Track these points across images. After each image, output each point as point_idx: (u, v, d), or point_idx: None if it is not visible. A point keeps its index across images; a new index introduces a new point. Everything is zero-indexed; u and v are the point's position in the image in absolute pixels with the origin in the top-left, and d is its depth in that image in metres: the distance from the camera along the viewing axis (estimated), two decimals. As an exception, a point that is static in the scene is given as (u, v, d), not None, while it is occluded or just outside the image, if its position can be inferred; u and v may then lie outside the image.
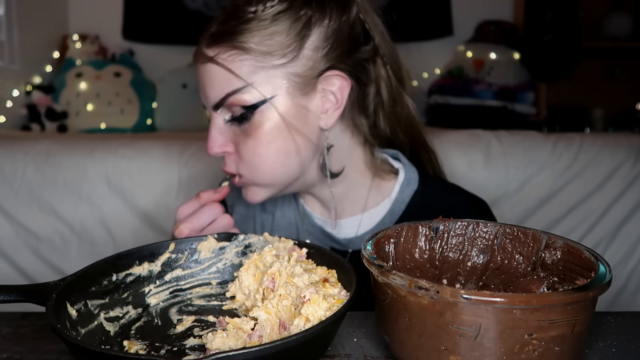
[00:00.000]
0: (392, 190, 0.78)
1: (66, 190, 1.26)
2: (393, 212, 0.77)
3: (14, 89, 2.40)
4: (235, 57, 0.66)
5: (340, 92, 0.69)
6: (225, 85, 0.67)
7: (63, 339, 0.41)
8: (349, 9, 0.71)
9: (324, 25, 0.68)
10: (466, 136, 1.33)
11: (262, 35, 0.66)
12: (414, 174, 0.79)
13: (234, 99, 0.67)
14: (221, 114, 0.70)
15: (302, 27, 0.67)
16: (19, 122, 2.37)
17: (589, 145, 1.29)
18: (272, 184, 0.71)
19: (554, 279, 0.49)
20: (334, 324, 0.45)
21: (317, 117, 0.70)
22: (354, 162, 0.77)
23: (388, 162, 0.81)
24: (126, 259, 0.57)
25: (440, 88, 2.53)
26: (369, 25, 0.73)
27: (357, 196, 0.78)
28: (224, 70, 0.67)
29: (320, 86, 0.69)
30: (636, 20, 2.84)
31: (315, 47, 0.68)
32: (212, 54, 0.68)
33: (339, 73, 0.69)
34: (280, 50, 0.66)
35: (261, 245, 0.61)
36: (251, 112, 0.67)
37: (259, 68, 0.66)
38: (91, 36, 2.68)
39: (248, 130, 0.68)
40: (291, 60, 0.67)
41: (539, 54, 2.48)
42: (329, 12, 0.69)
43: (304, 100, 0.68)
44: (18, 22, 2.37)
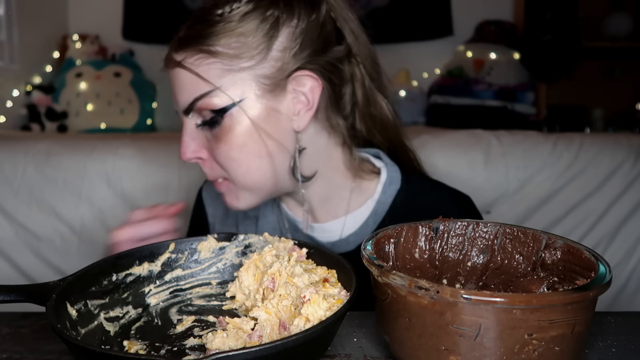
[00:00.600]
0: (374, 191, 0.77)
1: (66, 190, 1.26)
2: (376, 212, 0.76)
3: (14, 89, 2.40)
4: (202, 60, 0.66)
5: (312, 93, 0.68)
6: (193, 89, 0.66)
7: (63, 339, 0.41)
8: (318, 8, 0.69)
9: (292, 25, 0.67)
10: (466, 136, 1.33)
11: (229, 37, 0.65)
12: (396, 172, 0.78)
13: (203, 103, 0.66)
14: (192, 119, 0.69)
15: (269, 27, 0.66)
16: (19, 122, 2.38)
17: (589, 145, 1.29)
18: (253, 188, 0.70)
19: (554, 279, 0.49)
20: (334, 324, 0.45)
21: (290, 120, 0.68)
22: (334, 163, 0.75)
23: (369, 162, 0.80)
24: (126, 259, 0.57)
25: (440, 88, 2.53)
26: (340, 24, 0.72)
27: (339, 198, 0.77)
28: (192, 74, 0.66)
29: (290, 87, 0.68)
30: (636, 20, 2.84)
31: (284, 47, 0.66)
32: (179, 58, 0.67)
33: (309, 73, 0.68)
34: (248, 52, 0.65)
35: (261, 245, 0.61)
36: (221, 116, 0.66)
37: (226, 71, 0.65)
38: (91, 36, 2.68)
39: (219, 134, 0.67)
40: (259, 62, 0.66)
41: (539, 54, 2.48)
42: (297, 11, 0.67)
43: (275, 102, 0.67)
44: (18, 22, 2.37)
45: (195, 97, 0.66)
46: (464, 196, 0.80)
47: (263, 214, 0.84)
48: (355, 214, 0.77)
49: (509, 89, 2.48)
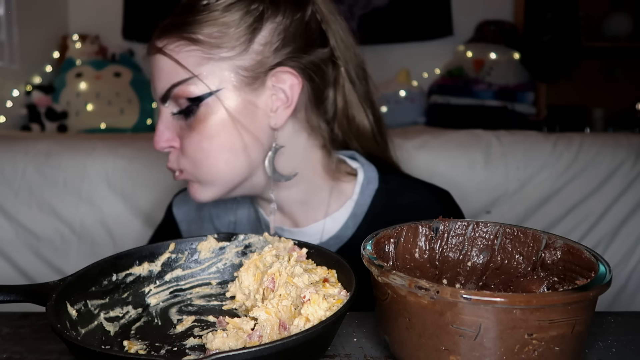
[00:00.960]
0: (352, 192, 0.77)
1: (66, 190, 1.26)
2: (356, 214, 0.75)
3: (14, 89, 2.40)
4: (183, 47, 0.65)
5: (291, 90, 0.68)
6: (171, 76, 0.66)
7: (63, 339, 0.41)
8: (304, 7, 0.70)
9: (276, 22, 0.67)
10: (466, 136, 1.33)
11: (211, 26, 0.65)
12: (373, 172, 0.77)
13: (180, 90, 0.65)
14: (169, 108, 0.68)
15: (253, 20, 0.66)
16: (19, 122, 2.37)
17: (589, 145, 1.29)
18: (215, 181, 0.69)
19: (554, 279, 0.49)
20: (334, 324, 0.45)
21: (267, 116, 0.68)
22: (312, 165, 0.75)
23: (345, 163, 0.79)
24: (126, 259, 0.57)
25: (440, 88, 2.53)
26: (325, 27, 0.72)
27: (318, 200, 0.76)
28: (171, 61, 0.66)
29: (269, 83, 0.67)
30: (636, 20, 2.84)
31: (266, 41, 0.66)
32: (160, 44, 0.67)
33: (290, 70, 0.67)
34: (230, 42, 0.65)
35: (261, 245, 0.61)
36: (197, 105, 0.65)
37: (206, 60, 0.65)
38: (91, 36, 2.68)
39: (193, 124, 0.66)
40: (240, 53, 0.65)
41: (539, 54, 2.48)
42: (282, 8, 0.68)
43: (253, 96, 0.67)
44: (18, 22, 2.37)
45: (173, 84, 0.66)
46: (443, 192, 0.79)
47: (240, 220, 0.82)
48: (335, 216, 0.76)
49: (509, 89, 2.48)
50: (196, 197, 0.71)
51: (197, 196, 0.71)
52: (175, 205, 0.88)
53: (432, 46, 2.76)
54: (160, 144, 0.69)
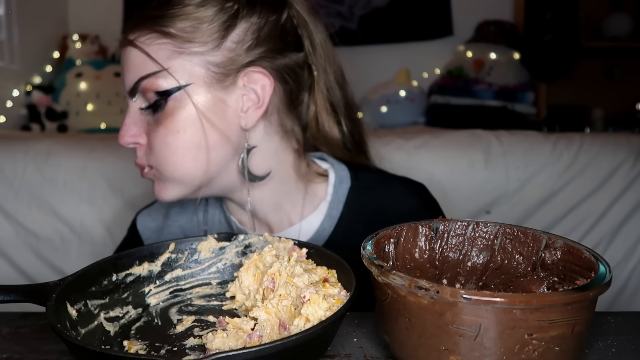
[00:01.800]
0: (326, 193, 0.76)
1: (66, 190, 1.26)
2: (331, 215, 0.74)
3: (14, 89, 2.40)
4: (153, 40, 0.64)
5: (262, 91, 0.67)
6: (140, 68, 0.65)
7: (63, 339, 0.41)
8: (280, 10, 0.69)
9: (251, 21, 0.67)
10: (466, 136, 1.33)
11: (184, 21, 0.65)
12: (344, 171, 0.77)
13: (148, 83, 0.64)
14: (137, 102, 0.67)
15: (227, 18, 0.65)
16: (19, 122, 2.38)
17: (589, 145, 1.29)
18: (182, 179, 0.67)
19: (554, 279, 0.49)
20: (334, 324, 0.45)
21: (237, 116, 0.67)
22: (285, 168, 0.74)
23: (316, 165, 0.79)
24: (126, 259, 0.57)
25: (440, 88, 2.53)
26: (301, 32, 0.72)
27: (292, 204, 0.75)
28: (142, 53, 0.65)
29: (241, 82, 0.66)
30: (636, 20, 2.84)
31: (239, 40, 0.66)
32: (132, 37, 0.66)
33: (262, 70, 0.67)
34: (202, 38, 0.64)
35: (261, 245, 0.61)
36: (165, 100, 0.64)
37: (176, 53, 0.64)
38: (91, 36, 2.69)
39: (160, 118, 0.65)
40: (212, 49, 0.65)
41: (539, 54, 2.48)
42: (258, 9, 0.67)
43: (223, 93, 0.66)
44: (18, 22, 2.37)
45: (141, 76, 0.65)
46: (417, 185, 0.78)
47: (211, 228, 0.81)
48: (310, 219, 0.75)
49: (509, 89, 2.48)
50: (161, 196, 0.69)
51: (161, 195, 0.69)
52: (139, 221, 0.86)
53: (432, 46, 2.76)
54: (125, 138, 0.67)
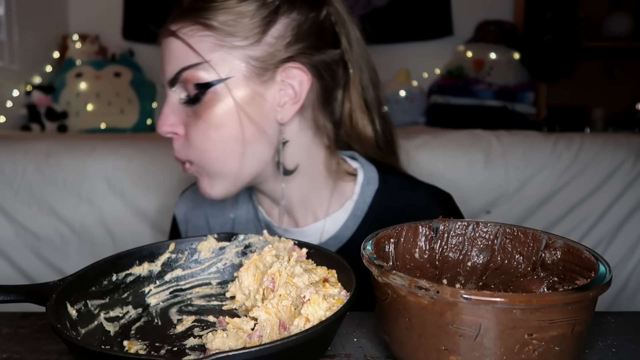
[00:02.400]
0: (352, 192, 0.76)
1: (66, 190, 1.26)
2: (355, 214, 0.75)
3: (14, 89, 2.40)
4: (196, 32, 0.65)
5: (300, 86, 0.67)
6: (181, 59, 0.65)
7: (63, 339, 0.41)
8: (319, 8, 0.70)
9: (291, 17, 0.67)
10: (466, 136, 1.33)
11: (227, 14, 0.65)
12: (373, 172, 0.77)
13: (189, 75, 0.65)
14: (176, 93, 0.68)
15: (268, 13, 0.66)
16: (19, 122, 2.37)
17: (589, 145, 1.29)
18: (222, 173, 0.68)
19: (554, 279, 0.49)
20: (334, 324, 0.45)
21: (274, 110, 0.67)
22: (315, 163, 0.74)
23: (346, 163, 0.79)
24: (126, 259, 0.57)
25: (440, 88, 2.53)
26: (338, 29, 0.72)
27: (319, 199, 0.76)
28: (184, 44, 0.65)
29: (279, 77, 0.67)
30: (636, 20, 2.84)
31: (279, 35, 0.66)
32: (174, 28, 0.67)
33: (300, 66, 0.67)
34: (243, 32, 0.65)
35: (261, 245, 0.61)
36: (204, 92, 0.65)
37: (218, 46, 0.65)
38: (91, 36, 2.68)
39: (199, 111, 0.66)
40: (252, 43, 0.65)
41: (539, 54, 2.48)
42: (298, 6, 0.68)
43: (261, 88, 0.66)
44: (18, 22, 2.37)
45: (183, 67, 0.65)
46: (443, 193, 0.79)
47: (238, 219, 0.82)
48: (334, 217, 0.76)
49: (509, 89, 2.48)
50: (207, 193, 0.70)
51: (208, 191, 0.70)
52: (177, 205, 0.88)
53: (432, 46, 2.76)
54: (164, 127, 0.68)
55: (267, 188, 0.75)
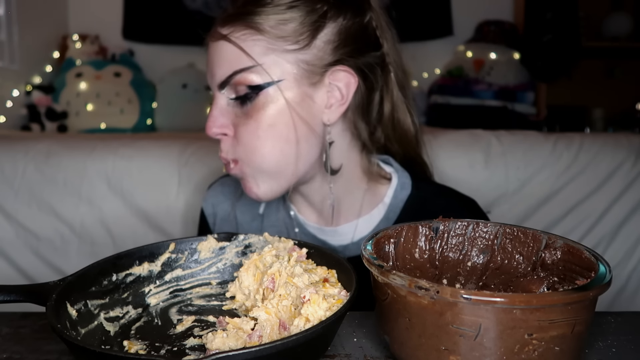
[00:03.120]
0: (385, 195, 0.78)
1: (66, 190, 1.26)
2: (388, 217, 0.77)
3: (14, 89, 2.40)
4: (249, 36, 0.67)
5: (347, 89, 0.70)
6: (234, 63, 0.67)
7: (63, 339, 0.41)
8: (363, 13, 0.72)
9: (338, 22, 0.69)
10: (466, 136, 1.33)
11: (277, 19, 0.67)
12: (406, 178, 0.79)
13: (241, 78, 0.67)
14: (225, 94, 0.69)
15: (317, 18, 0.68)
16: (19, 122, 2.37)
17: (589, 145, 1.29)
18: (270, 171, 0.69)
19: (554, 279, 0.49)
20: (334, 324, 0.45)
21: (321, 111, 0.70)
22: (352, 165, 0.76)
23: (380, 167, 0.81)
24: (126, 259, 0.57)
25: (440, 88, 2.53)
26: (380, 32, 0.74)
27: (353, 200, 0.78)
28: (236, 48, 0.67)
29: (327, 80, 0.69)
30: (636, 20, 2.84)
31: (328, 39, 0.68)
32: (225, 32, 0.68)
33: (347, 69, 0.69)
34: (294, 36, 0.67)
35: (261, 245, 0.61)
36: (256, 93, 0.67)
37: (270, 50, 0.67)
38: (91, 36, 2.68)
39: (250, 111, 0.67)
40: (303, 47, 0.67)
41: (539, 54, 2.48)
42: (344, 11, 0.70)
43: (311, 89, 0.68)
44: (18, 22, 2.37)
45: (235, 70, 0.67)
46: (470, 201, 0.81)
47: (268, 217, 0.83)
48: (367, 218, 0.78)
49: (509, 89, 2.48)
50: (254, 193, 0.71)
51: (254, 191, 0.71)
52: (205, 199, 0.90)
53: (432, 46, 2.76)
54: (214, 129, 0.69)
55: (310, 188, 0.76)
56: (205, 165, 1.25)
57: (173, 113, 2.46)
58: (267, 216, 0.83)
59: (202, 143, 1.30)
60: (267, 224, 0.83)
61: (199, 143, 1.30)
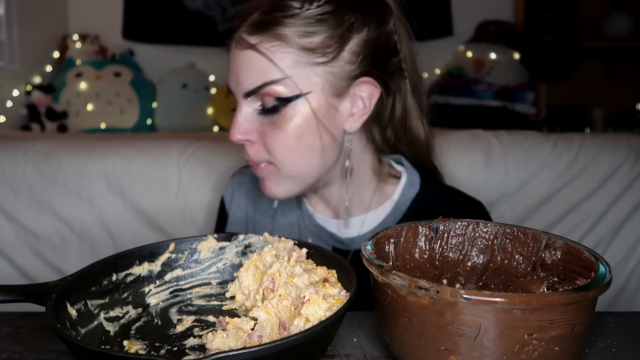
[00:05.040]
0: (394, 192, 0.80)
1: (66, 190, 1.26)
2: (395, 213, 0.79)
3: (14, 89, 2.40)
4: (279, 48, 0.67)
5: (369, 99, 0.71)
6: (263, 74, 0.68)
7: (63, 339, 0.41)
8: (387, 21, 0.73)
9: (364, 33, 0.70)
10: (466, 136, 1.33)
11: (306, 31, 0.68)
12: (415, 177, 0.81)
13: (270, 89, 0.67)
14: (251, 103, 0.70)
15: (344, 31, 0.69)
16: (19, 122, 2.37)
17: (589, 145, 1.29)
18: (297, 177, 0.72)
19: (554, 279, 0.49)
20: (334, 324, 0.45)
21: (344, 120, 0.72)
22: (364, 166, 0.79)
23: (391, 167, 0.83)
24: (126, 259, 0.57)
25: (440, 88, 2.53)
26: (399, 38, 0.75)
27: (362, 198, 0.80)
28: (265, 59, 0.67)
29: (352, 90, 0.71)
30: (636, 20, 2.84)
31: (354, 51, 0.69)
32: (254, 41, 0.68)
33: (371, 80, 0.71)
34: (322, 49, 0.68)
35: (261, 245, 0.61)
36: (284, 105, 0.68)
37: (299, 63, 0.67)
38: (91, 36, 2.68)
39: (277, 122, 0.69)
40: (330, 60, 0.68)
41: (539, 54, 2.48)
42: (369, 21, 0.71)
43: (336, 100, 0.70)
44: (18, 22, 2.37)
45: (265, 82, 0.68)
46: (476, 202, 0.82)
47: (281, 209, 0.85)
48: (375, 213, 0.80)
49: (509, 89, 2.48)
50: (272, 193, 0.74)
51: (273, 191, 0.74)
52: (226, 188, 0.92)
53: (432, 46, 2.75)
54: (238, 136, 0.70)
55: (328, 190, 0.79)
56: (205, 165, 1.25)
57: (173, 113, 2.46)
58: (280, 209, 0.85)
59: (202, 143, 1.30)
60: (279, 214, 0.85)
61: (199, 143, 1.30)
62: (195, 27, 2.67)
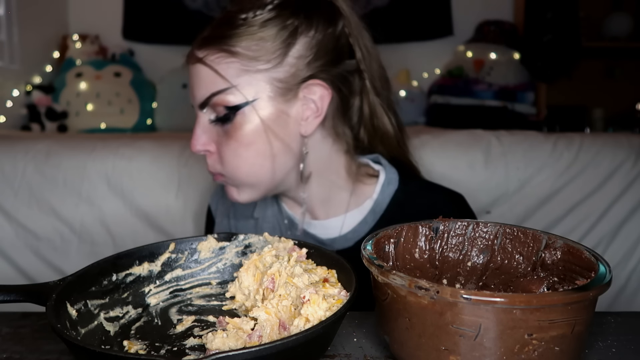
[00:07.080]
0: (373, 192, 0.80)
1: (66, 190, 1.26)
2: (375, 211, 0.79)
3: (14, 89, 2.40)
4: (222, 59, 0.69)
5: (321, 101, 0.72)
6: (210, 85, 0.70)
7: (63, 339, 0.41)
8: (335, 22, 0.73)
9: (310, 36, 0.71)
10: (466, 136, 1.33)
11: (249, 40, 0.69)
12: (393, 174, 0.81)
13: (218, 99, 0.69)
14: (206, 114, 0.72)
15: (288, 35, 0.69)
16: (19, 122, 2.37)
17: (589, 145, 1.29)
18: (251, 184, 0.73)
19: (554, 279, 0.49)
20: (334, 324, 0.45)
21: (297, 124, 0.72)
22: (335, 167, 0.79)
23: (369, 166, 0.83)
24: (126, 259, 0.57)
25: (440, 88, 2.53)
26: (353, 40, 0.75)
27: (339, 199, 0.80)
28: (211, 71, 0.69)
29: (301, 94, 0.71)
30: (636, 20, 2.84)
31: (300, 55, 0.70)
32: (201, 55, 0.71)
33: (321, 82, 0.71)
34: (266, 55, 0.69)
35: (261, 246, 0.61)
36: (233, 113, 0.70)
37: (244, 71, 0.69)
38: (91, 36, 2.68)
39: (230, 131, 0.70)
40: (275, 66, 0.69)
41: (539, 54, 2.48)
42: (315, 23, 0.71)
43: (285, 106, 0.71)
44: (18, 22, 2.37)
45: (212, 93, 0.69)
46: (457, 195, 0.82)
47: (263, 213, 0.86)
48: (354, 213, 0.80)
49: (509, 89, 2.48)
50: (234, 199, 0.76)
51: (235, 197, 0.76)
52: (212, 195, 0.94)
53: (432, 46, 2.76)
54: (197, 147, 0.73)
55: (290, 194, 0.80)
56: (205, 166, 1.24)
57: (173, 113, 2.46)
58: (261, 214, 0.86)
59: (202, 143, 1.30)
60: (261, 221, 0.85)
61: (199, 143, 1.30)
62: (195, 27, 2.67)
